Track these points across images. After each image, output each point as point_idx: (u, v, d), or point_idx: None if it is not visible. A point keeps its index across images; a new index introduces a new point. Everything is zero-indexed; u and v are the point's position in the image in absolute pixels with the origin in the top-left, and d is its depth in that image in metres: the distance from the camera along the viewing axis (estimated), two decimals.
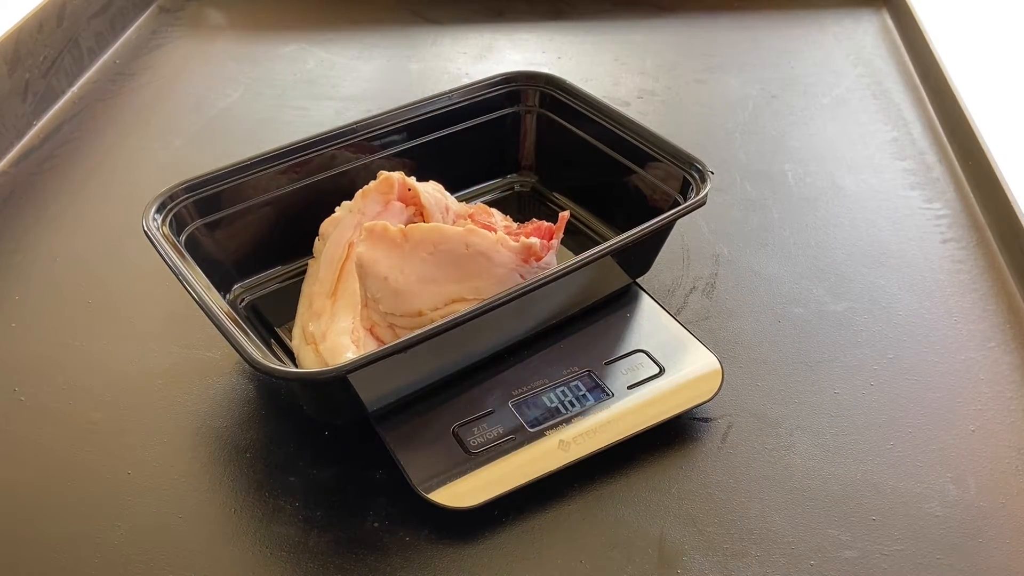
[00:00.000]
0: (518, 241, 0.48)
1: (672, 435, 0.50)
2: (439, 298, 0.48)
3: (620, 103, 0.80)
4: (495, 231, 0.50)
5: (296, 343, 0.51)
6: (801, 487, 0.47)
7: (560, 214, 0.52)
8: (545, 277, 0.46)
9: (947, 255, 0.63)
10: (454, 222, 0.54)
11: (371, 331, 0.49)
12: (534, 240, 0.49)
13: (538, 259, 0.49)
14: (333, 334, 0.49)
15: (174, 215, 0.52)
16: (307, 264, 0.55)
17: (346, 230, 0.53)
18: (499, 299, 0.45)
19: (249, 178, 0.55)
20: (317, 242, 0.54)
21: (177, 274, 0.47)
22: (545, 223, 0.52)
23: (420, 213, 0.54)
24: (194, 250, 0.51)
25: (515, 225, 0.55)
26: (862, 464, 0.48)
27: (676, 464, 0.48)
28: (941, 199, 0.68)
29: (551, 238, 0.50)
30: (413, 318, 0.47)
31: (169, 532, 0.45)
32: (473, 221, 0.53)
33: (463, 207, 0.56)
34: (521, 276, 0.49)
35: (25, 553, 0.45)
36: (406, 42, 0.90)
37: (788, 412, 0.51)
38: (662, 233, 0.55)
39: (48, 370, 0.54)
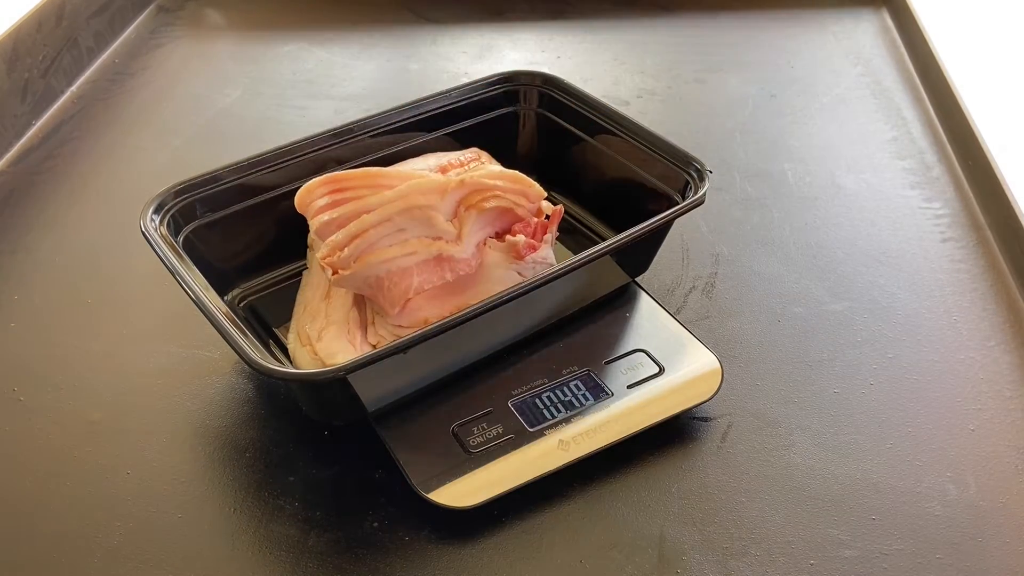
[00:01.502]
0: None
1: (672, 435, 0.50)
2: (445, 309, 0.48)
3: (619, 102, 0.80)
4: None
5: (292, 345, 0.51)
6: (801, 486, 0.47)
7: (554, 208, 0.51)
8: (544, 276, 0.46)
9: (947, 254, 0.62)
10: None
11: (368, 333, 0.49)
12: (519, 238, 0.49)
13: (520, 257, 0.49)
14: (329, 335, 0.49)
15: (172, 215, 0.52)
16: (305, 265, 0.55)
17: None
18: (498, 299, 0.45)
19: (248, 178, 0.55)
20: (309, 252, 0.54)
21: (175, 274, 0.47)
22: (535, 220, 0.51)
23: None
24: (193, 250, 0.51)
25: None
26: (862, 463, 0.48)
27: (676, 464, 0.48)
28: (940, 198, 0.68)
29: (543, 234, 0.50)
30: (420, 327, 0.47)
31: (168, 532, 0.45)
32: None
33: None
34: (520, 275, 0.50)
35: (23, 553, 0.45)
36: (405, 41, 0.90)
37: (788, 411, 0.51)
38: (661, 232, 0.55)
39: (47, 370, 0.54)
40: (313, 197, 0.48)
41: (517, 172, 0.50)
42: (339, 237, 0.46)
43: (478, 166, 0.56)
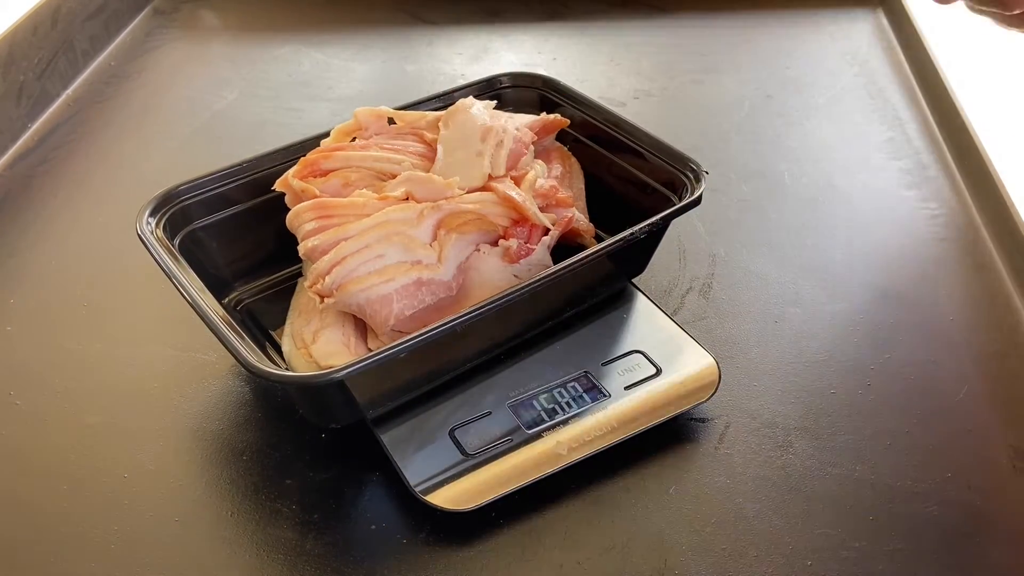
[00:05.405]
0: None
1: (669, 436, 0.50)
2: (441, 315, 0.48)
3: (616, 104, 0.80)
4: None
5: (287, 349, 0.50)
6: (798, 487, 0.47)
7: (564, 215, 0.51)
8: (540, 279, 0.46)
9: (943, 254, 0.63)
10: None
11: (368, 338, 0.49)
12: (512, 242, 0.49)
13: (513, 261, 0.49)
14: (323, 338, 0.48)
15: (169, 218, 0.52)
16: (301, 268, 0.55)
17: None
18: (494, 302, 0.45)
19: (245, 180, 0.55)
20: (305, 263, 0.54)
21: (171, 277, 0.47)
22: (532, 223, 0.51)
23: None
24: (189, 253, 0.51)
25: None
26: (859, 464, 0.48)
27: (673, 465, 0.48)
28: (937, 198, 0.68)
29: (539, 237, 0.50)
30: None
31: (166, 535, 0.45)
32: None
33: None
34: (516, 277, 0.50)
35: (21, 557, 0.45)
36: (402, 43, 0.90)
37: (785, 412, 0.51)
38: (657, 233, 0.55)
39: (44, 374, 0.54)
40: (301, 221, 0.49)
41: (502, 193, 0.50)
42: (321, 265, 0.47)
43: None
